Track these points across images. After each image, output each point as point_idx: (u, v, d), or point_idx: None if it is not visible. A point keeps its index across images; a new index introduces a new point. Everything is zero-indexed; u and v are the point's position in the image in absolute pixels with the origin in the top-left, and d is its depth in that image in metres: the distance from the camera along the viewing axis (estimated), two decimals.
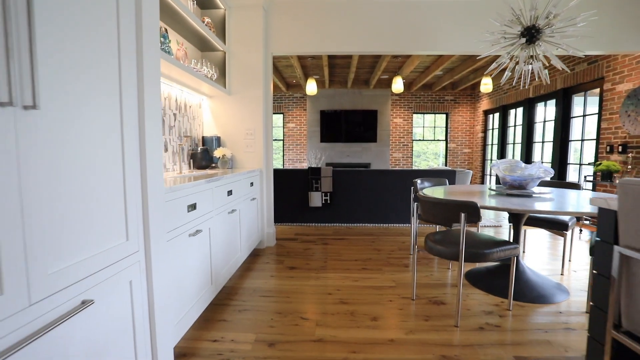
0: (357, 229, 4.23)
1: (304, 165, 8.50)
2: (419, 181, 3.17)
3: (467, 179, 5.29)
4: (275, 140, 8.63)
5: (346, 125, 8.00)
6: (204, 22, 2.82)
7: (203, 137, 3.16)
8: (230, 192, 2.34)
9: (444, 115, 8.43)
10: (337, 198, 4.38)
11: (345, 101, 8.00)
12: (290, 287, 2.44)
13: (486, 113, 7.80)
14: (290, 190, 4.39)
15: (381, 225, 4.40)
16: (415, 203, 2.21)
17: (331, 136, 8.05)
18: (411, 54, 3.83)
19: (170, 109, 2.63)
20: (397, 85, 5.62)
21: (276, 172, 4.36)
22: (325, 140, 8.07)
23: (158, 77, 1.30)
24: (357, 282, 2.53)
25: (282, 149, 8.60)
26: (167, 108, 2.57)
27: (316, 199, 4.31)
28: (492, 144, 7.69)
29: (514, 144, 6.68)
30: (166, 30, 2.16)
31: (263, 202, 3.37)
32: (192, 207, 1.72)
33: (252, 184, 2.99)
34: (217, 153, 3.03)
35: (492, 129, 7.65)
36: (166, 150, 2.56)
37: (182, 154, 2.86)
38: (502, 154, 7.01)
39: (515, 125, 6.66)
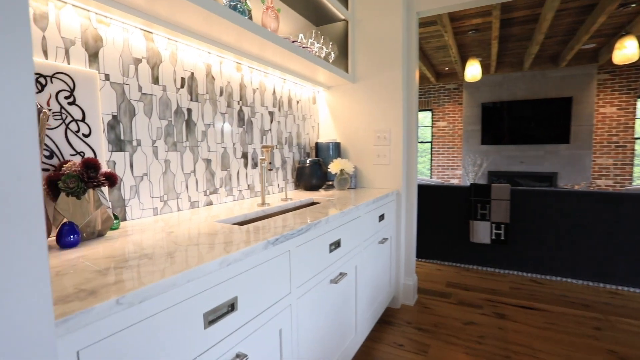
0: (552, 285, 2.58)
1: (457, 173, 6.83)
2: None
3: None
4: (421, 142, 7.26)
5: (519, 121, 5.94)
6: None
7: (317, 145, 2.27)
8: (335, 245, 1.33)
9: None
10: (516, 233, 2.82)
11: (520, 88, 5.95)
12: None
13: None
14: (440, 215, 3.09)
15: (602, 285, 2.59)
16: None
17: (496, 136, 6.14)
18: None
19: (264, 104, 1.82)
20: (627, 50, 3.47)
21: (420, 188, 3.14)
22: (488, 141, 6.22)
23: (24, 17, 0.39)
24: None
25: (429, 152, 7.17)
26: (258, 104, 1.77)
27: (482, 232, 2.87)
28: None
29: None
30: None
31: (400, 241, 2.24)
32: (229, 308, 0.78)
33: (381, 217, 1.91)
34: (333, 167, 2.08)
35: None
36: (255, 166, 1.76)
37: (285, 170, 2.04)
38: None
39: None
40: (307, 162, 2.04)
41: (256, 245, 0.85)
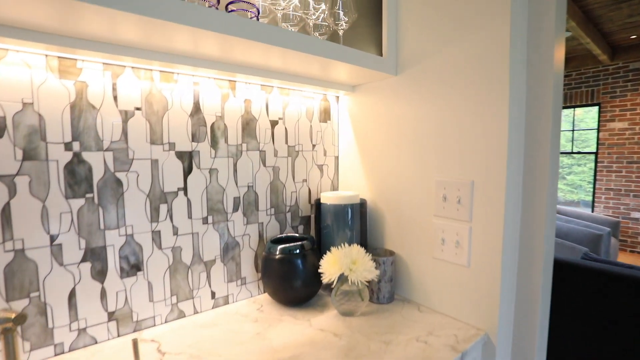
0: None
1: None
2: None
3: None
4: (582, 153, 5.03)
5: None
6: None
7: (318, 207, 1.16)
8: None
9: None
10: None
11: None
12: None
13: None
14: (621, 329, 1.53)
15: None
16: None
17: None
18: None
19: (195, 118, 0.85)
20: None
21: (561, 266, 1.64)
22: None
23: None
24: None
25: (593, 166, 4.89)
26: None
27: None
28: None
29: None
30: None
31: None
32: None
33: None
34: (327, 268, 0.95)
35: None
36: (133, 269, 0.81)
37: (237, 261, 1.03)
38: None
39: None
40: (277, 251, 0.97)
41: None
